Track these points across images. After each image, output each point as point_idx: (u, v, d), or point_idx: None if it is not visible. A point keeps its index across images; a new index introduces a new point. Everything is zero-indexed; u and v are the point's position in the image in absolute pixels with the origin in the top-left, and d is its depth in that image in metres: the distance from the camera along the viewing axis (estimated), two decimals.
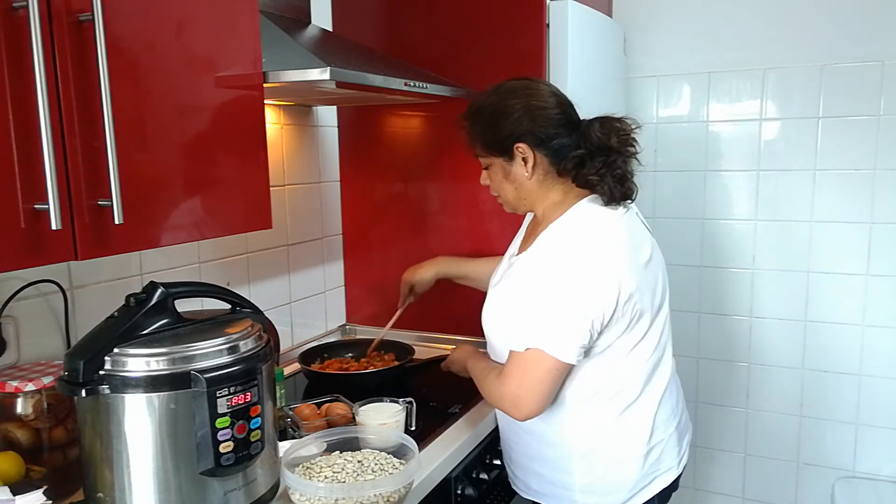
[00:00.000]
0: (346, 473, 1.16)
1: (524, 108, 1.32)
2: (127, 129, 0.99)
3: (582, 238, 1.27)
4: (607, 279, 1.22)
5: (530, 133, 1.31)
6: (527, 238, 1.43)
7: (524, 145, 1.32)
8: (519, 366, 1.26)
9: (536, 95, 1.34)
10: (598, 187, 1.30)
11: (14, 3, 0.84)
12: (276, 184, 1.90)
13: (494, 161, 1.37)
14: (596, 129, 1.30)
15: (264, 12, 1.44)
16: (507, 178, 1.37)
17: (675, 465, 1.41)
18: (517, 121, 1.31)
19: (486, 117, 1.35)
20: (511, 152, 1.33)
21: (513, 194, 1.38)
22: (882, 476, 2.30)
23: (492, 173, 1.39)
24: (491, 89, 1.38)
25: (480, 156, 1.39)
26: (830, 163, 2.23)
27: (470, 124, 1.38)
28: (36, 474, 1.17)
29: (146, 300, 1.06)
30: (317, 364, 1.85)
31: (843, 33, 2.16)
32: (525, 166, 1.33)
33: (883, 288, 2.22)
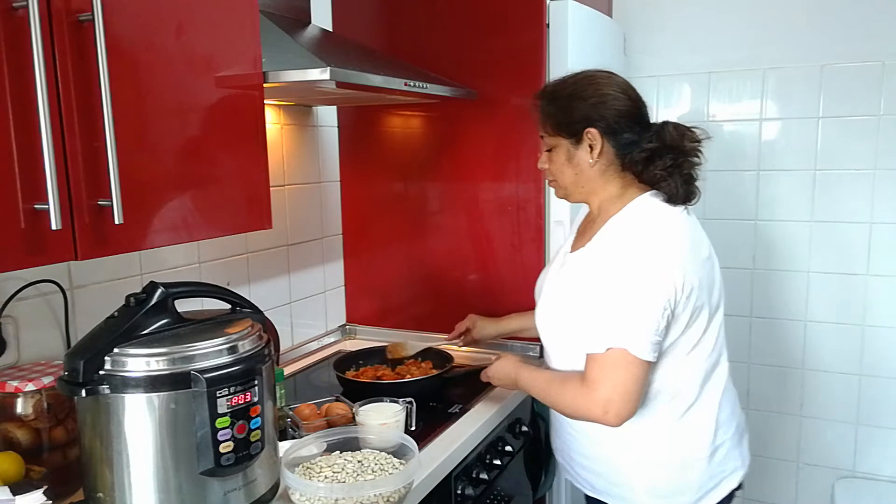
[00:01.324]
0: (346, 473, 1.16)
1: (602, 96, 1.32)
2: (127, 129, 0.99)
3: (647, 231, 1.27)
4: (673, 271, 1.22)
5: (603, 120, 1.31)
6: (581, 234, 1.42)
7: (595, 131, 1.31)
8: (606, 368, 1.23)
9: (615, 87, 1.34)
10: (663, 184, 1.31)
11: (14, 3, 0.84)
12: (276, 184, 1.90)
13: (561, 143, 1.36)
14: (670, 130, 1.32)
15: (264, 12, 1.44)
16: (569, 161, 1.36)
17: (740, 464, 1.41)
18: (593, 106, 1.32)
19: (562, 98, 1.35)
20: (580, 136, 1.33)
21: (571, 179, 1.38)
22: (882, 476, 2.30)
23: (554, 155, 1.38)
24: (571, 74, 1.39)
25: (548, 136, 1.38)
26: (830, 163, 2.22)
27: (545, 103, 1.37)
28: (36, 474, 1.16)
29: (146, 300, 1.06)
30: (351, 371, 1.80)
31: (843, 33, 2.16)
32: (591, 152, 1.33)
33: (882, 288, 2.22)
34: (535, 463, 1.83)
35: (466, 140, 1.98)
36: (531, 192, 1.92)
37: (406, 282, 2.15)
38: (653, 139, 1.32)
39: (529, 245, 1.94)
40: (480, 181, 1.98)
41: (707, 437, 1.34)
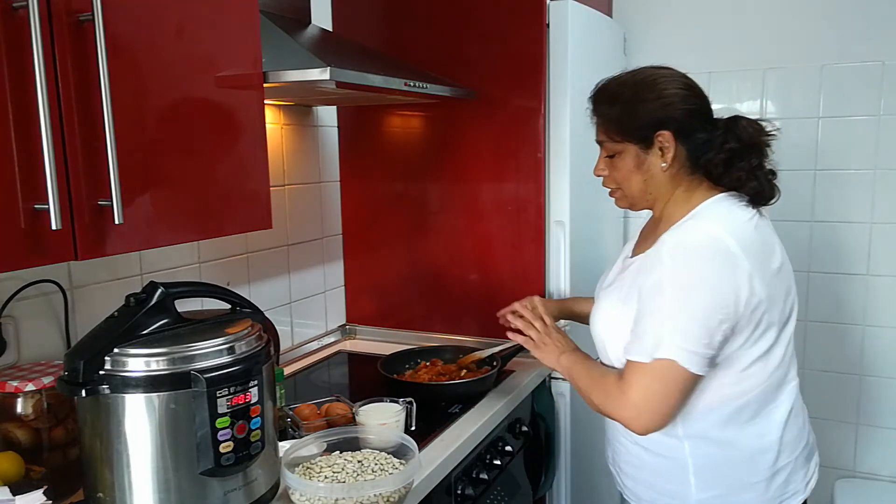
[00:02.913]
0: (346, 473, 1.16)
1: (671, 95, 1.23)
2: (127, 129, 0.99)
3: (711, 239, 1.17)
4: (737, 284, 1.14)
5: (674, 122, 1.22)
6: (644, 238, 1.36)
7: (668, 134, 1.22)
8: (645, 375, 1.16)
9: (681, 84, 1.25)
10: (747, 185, 1.23)
11: (14, 3, 0.84)
12: (276, 184, 1.90)
13: (627, 148, 1.26)
14: (745, 126, 1.23)
15: (264, 12, 1.44)
16: (638, 168, 1.26)
17: (802, 488, 1.30)
18: (663, 107, 1.22)
19: (627, 100, 1.25)
20: (650, 140, 1.23)
21: (639, 187, 1.28)
22: (882, 476, 2.30)
23: (619, 162, 1.28)
24: (629, 72, 1.29)
25: (612, 141, 1.27)
26: (830, 163, 2.22)
27: (605, 106, 1.27)
28: (36, 474, 1.17)
29: (146, 300, 1.06)
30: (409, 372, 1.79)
31: (843, 33, 2.16)
32: (663, 157, 1.24)
33: (882, 288, 2.22)
34: (535, 463, 1.83)
35: (466, 140, 1.98)
36: (531, 192, 1.92)
37: (406, 282, 2.15)
38: (728, 138, 1.23)
39: (529, 245, 1.95)
40: (480, 181, 1.98)
41: (768, 460, 1.24)
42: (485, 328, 2.01)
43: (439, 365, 1.80)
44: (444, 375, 1.74)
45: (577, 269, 1.95)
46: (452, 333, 2.08)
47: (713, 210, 1.23)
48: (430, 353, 1.88)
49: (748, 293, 1.14)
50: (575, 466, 1.98)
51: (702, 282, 1.14)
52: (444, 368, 1.78)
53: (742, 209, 1.22)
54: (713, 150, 1.24)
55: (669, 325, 1.14)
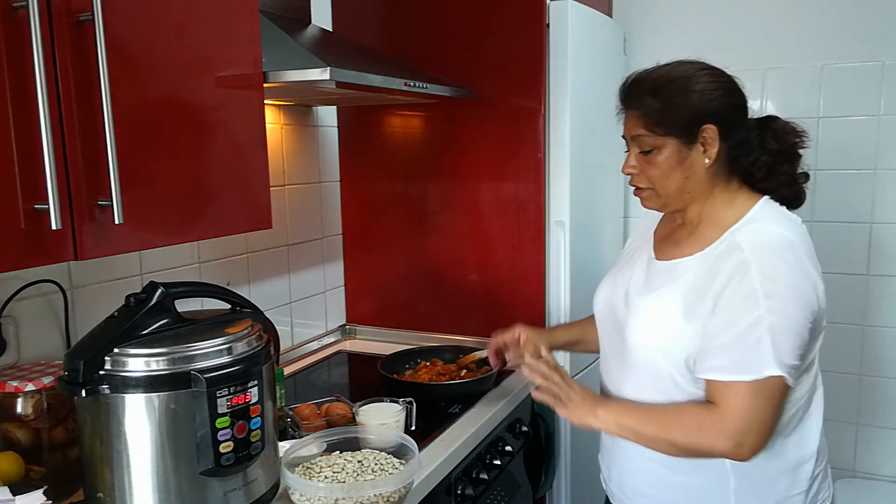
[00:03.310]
0: (346, 473, 1.16)
1: (717, 88, 1.17)
2: (127, 129, 0.99)
3: (788, 242, 1.12)
4: (817, 284, 1.12)
5: (720, 115, 1.15)
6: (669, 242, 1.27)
7: (713, 128, 1.15)
8: (747, 395, 1.08)
9: (723, 77, 1.19)
10: (786, 190, 1.20)
11: (14, 3, 0.84)
12: (276, 184, 1.90)
13: (668, 143, 1.17)
14: (782, 127, 1.21)
15: (264, 12, 1.44)
16: (679, 164, 1.17)
17: (829, 495, 1.30)
18: (709, 100, 1.16)
19: (672, 90, 1.17)
20: (695, 134, 1.16)
21: (677, 185, 1.19)
22: (882, 476, 2.30)
23: (656, 158, 1.18)
24: (667, 65, 1.22)
25: (651, 135, 1.18)
26: (830, 163, 2.22)
27: (648, 97, 1.18)
28: (36, 474, 1.16)
29: (146, 300, 1.06)
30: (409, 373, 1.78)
31: (843, 33, 2.16)
32: (706, 153, 1.17)
33: (882, 288, 2.22)
34: (535, 463, 1.83)
35: (466, 140, 1.98)
36: (531, 192, 1.92)
37: (406, 282, 2.15)
38: (766, 138, 1.19)
39: (529, 245, 1.94)
40: (480, 181, 1.98)
41: (807, 471, 1.22)
42: (485, 328, 2.00)
43: (439, 365, 1.80)
44: (444, 375, 1.74)
45: (577, 269, 1.95)
46: (452, 333, 2.08)
47: (770, 213, 1.18)
48: (430, 353, 1.88)
49: (822, 295, 1.13)
50: (575, 466, 1.98)
51: (792, 287, 1.09)
52: (444, 368, 1.78)
53: (788, 213, 1.20)
54: (754, 152, 1.20)
55: (769, 339, 1.06)
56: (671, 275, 1.21)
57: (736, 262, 1.11)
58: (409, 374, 1.77)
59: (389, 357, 1.82)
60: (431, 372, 1.75)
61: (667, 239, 1.29)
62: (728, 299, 1.10)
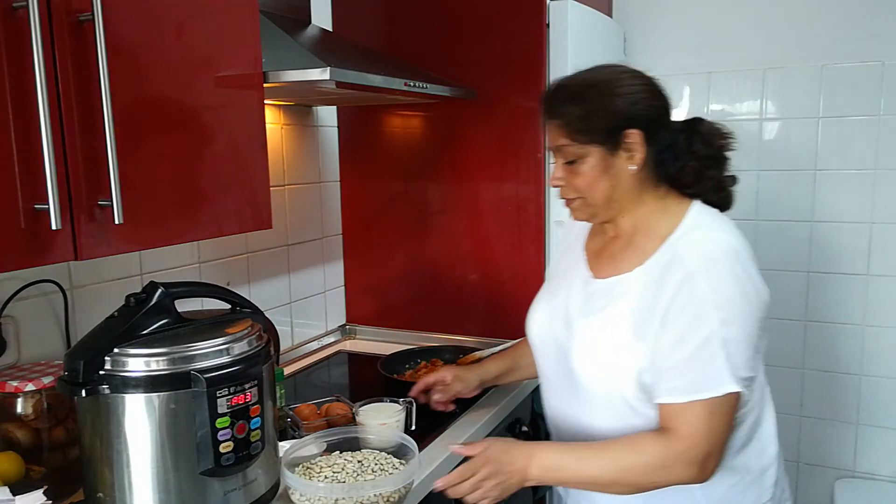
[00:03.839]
0: (346, 473, 1.16)
1: (636, 91, 1.12)
2: (127, 129, 0.99)
3: (731, 248, 1.09)
4: (759, 290, 1.08)
5: (643, 120, 1.11)
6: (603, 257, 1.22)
7: (637, 133, 1.11)
8: (706, 415, 1.03)
9: (643, 79, 1.15)
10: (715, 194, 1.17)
11: (14, 3, 0.84)
12: (276, 184, 1.90)
13: (592, 151, 1.12)
14: (709, 129, 1.17)
15: (264, 12, 1.44)
16: (605, 172, 1.13)
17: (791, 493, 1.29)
18: (632, 104, 1.11)
19: (591, 96, 1.12)
20: (618, 140, 1.11)
21: (605, 195, 1.14)
22: (882, 476, 2.30)
23: (581, 167, 1.14)
24: (587, 70, 1.17)
25: (575, 144, 1.13)
26: (830, 163, 2.22)
27: (569, 105, 1.13)
28: (36, 474, 1.17)
29: (146, 300, 1.06)
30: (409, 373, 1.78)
31: (843, 33, 2.16)
32: (631, 159, 1.12)
33: (882, 288, 2.22)
34: None
35: (466, 140, 1.98)
36: (531, 192, 1.92)
37: (406, 282, 2.15)
38: (694, 142, 1.15)
39: (529, 245, 1.94)
40: (480, 181, 1.98)
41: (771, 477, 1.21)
42: (485, 328, 2.01)
43: (439, 365, 1.80)
44: None
45: None
46: (452, 333, 2.08)
47: (708, 219, 1.15)
48: (430, 353, 1.88)
49: (767, 296, 1.09)
50: None
51: (742, 296, 1.05)
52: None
53: (724, 216, 1.17)
54: (682, 156, 1.16)
55: (724, 354, 1.03)
56: (613, 293, 1.15)
57: (682, 275, 1.06)
58: (409, 374, 1.77)
59: (389, 357, 1.82)
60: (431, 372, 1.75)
61: (601, 253, 1.24)
62: (677, 315, 1.05)
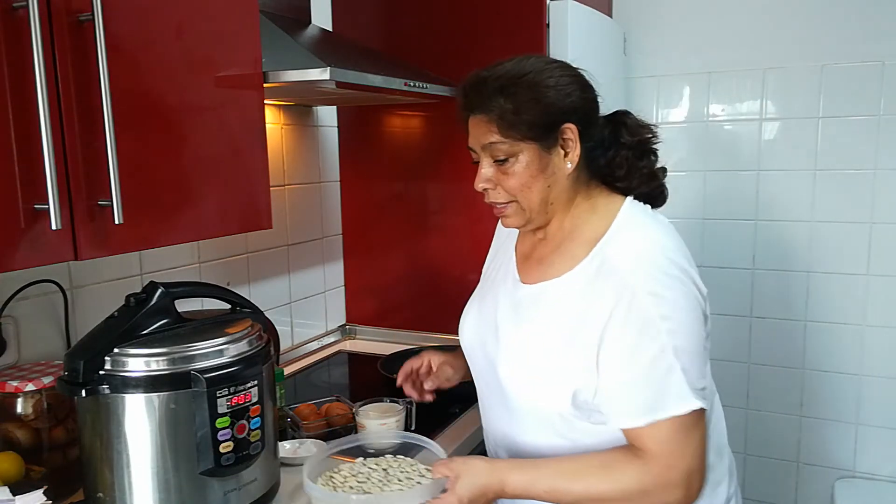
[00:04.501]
0: (372, 483, 1.08)
1: (576, 82, 1.05)
2: (127, 129, 0.99)
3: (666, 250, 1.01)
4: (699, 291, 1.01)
5: (581, 113, 1.04)
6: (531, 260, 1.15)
7: (573, 128, 1.03)
8: (677, 433, 0.96)
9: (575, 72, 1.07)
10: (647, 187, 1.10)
11: (14, 3, 0.84)
12: (276, 184, 1.90)
13: (525, 148, 1.03)
14: (634, 123, 1.10)
15: (264, 12, 1.44)
16: (542, 172, 1.04)
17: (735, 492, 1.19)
18: (566, 96, 1.02)
19: (525, 88, 1.02)
20: (554, 136, 1.03)
21: (541, 195, 1.05)
22: (882, 476, 2.30)
23: (514, 167, 1.04)
24: (511, 61, 1.08)
25: (507, 141, 1.03)
26: (830, 163, 2.22)
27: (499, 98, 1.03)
28: (36, 474, 1.16)
29: (146, 300, 1.06)
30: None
31: (843, 33, 2.16)
32: (567, 156, 1.04)
33: (882, 288, 2.22)
34: None
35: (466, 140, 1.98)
36: None
37: (406, 282, 2.15)
38: (621, 135, 1.08)
39: None
40: None
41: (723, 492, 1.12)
42: None
43: None
44: None
45: None
46: (452, 333, 2.06)
47: (639, 218, 1.07)
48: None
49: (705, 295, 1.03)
50: None
51: (684, 300, 0.98)
52: None
53: (656, 214, 1.10)
54: (611, 147, 1.09)
55: (679, 366, 0.95)
56: (541, 301, 1.08)
57: (618, 284, 0.98)
58: None
59: (389, 357, 1.82)
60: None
61: (529, 256, 1.16)
62: (621, 329, 0.97)
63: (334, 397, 1.56)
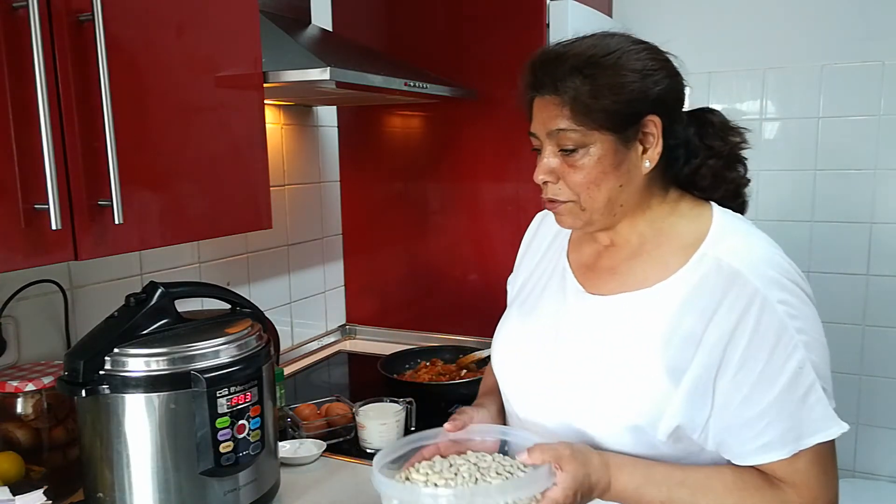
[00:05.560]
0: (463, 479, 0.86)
1: (664, 68, 0.91)
2: (127, 129, 0.99)
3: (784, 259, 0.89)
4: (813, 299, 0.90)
5: (667, 105, 0.91)
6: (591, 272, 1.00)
7: (658, 121, 0.89)
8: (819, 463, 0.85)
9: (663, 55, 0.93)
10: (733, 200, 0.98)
11: (14, 3, 0.84)
12: (276, 184, 1.90)
13: (600, 139, 0.89)
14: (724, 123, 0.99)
15: (264, 12, 1.44)
16: (615, 168, 0.90)
17: None
18: (658, 82, 0.89)
19: (606, 69, 0.87)
20: (636, 128, 0.89)
21: (609, 195, 0.91)
22: (882, 476, 2.30)
23: (583, 161, 0.90)
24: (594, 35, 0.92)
25: (580, 129, 0.89)
26: (830, 163, 2.22)
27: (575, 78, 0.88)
28: (36, 474, 1.16)
29: (146, 300, 1.06)
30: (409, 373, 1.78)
31: (843, 33, 2.16)
32: (646, 153, 0.90)
33: (882, 288, 2.22)
34: None
35: (466, 140, 1.98)
36: (531, 192, 1.92)
37: (406, 282, 2.15)
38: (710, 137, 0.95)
39: None
40: (480, 181, 1.98)
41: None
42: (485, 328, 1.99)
43: (439, 365, 1.80)
44: (444, 375, 1.74)
45: None
46: (452, 333, 2.08)
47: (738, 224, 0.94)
48: (430, 353, 1.88)
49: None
50: None
51: (811, 312, 0.87)
52: (444, 368, 1.78)
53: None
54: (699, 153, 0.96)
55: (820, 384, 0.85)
56: (624, 314, 0.92)
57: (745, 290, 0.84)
58: (409, 374, 1.77)
59: (389, 357, 1.82)
60: (431, 372, 1.75)
61: (593, 266, 1.01)
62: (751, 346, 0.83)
63: (334, 397, 1.56)
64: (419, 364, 1.82)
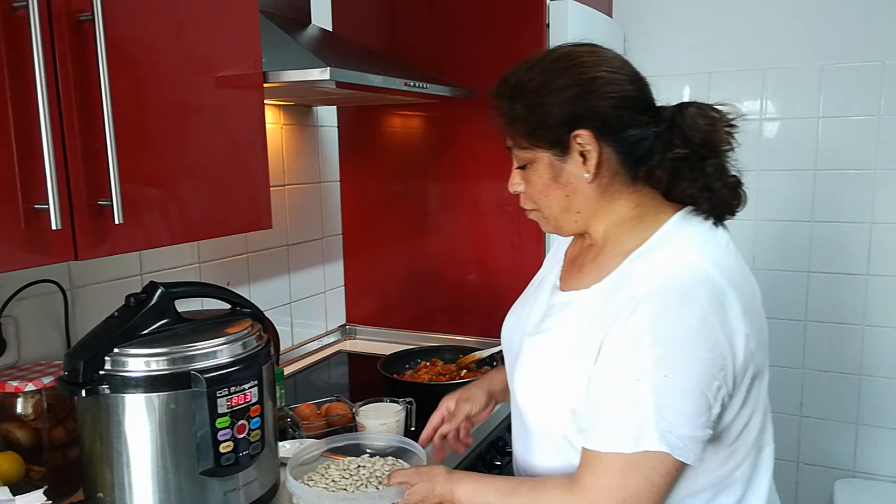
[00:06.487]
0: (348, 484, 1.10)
1: (589, 81, 0.93)
2: (127, 129, 0.99)
3: (698, 274, 0.88)
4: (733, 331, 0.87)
5: (597, 115, 0.93)
6: (575, 266, 1.06)
7: (587, 133, 0.93)
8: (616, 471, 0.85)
9: (606, 63, 0.95)
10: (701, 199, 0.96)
11: (14, 3, 0.84)
12: (276, 184, 1.90)
13: (539, 156, 0.96)
14: (697, 118, 0.97)
15: (264, 12, 1.44)
16: (556, 180, 0.96)
17: None
18: (579, 98, 0.92)
19: (531, 92, 0.95)
20: (566, 143, 0.94)
21: (560, 205, 0.98)
22: (882, 476, 2.30)
23: (532, 174, 0.98)
24: (541, 54, 0.98)
25: (519, 147, 0.98)
26: (830, 163, 2.22)
27: (508, 102, 0.97)
28: (36, 474, 1.16)
29: (146, 300, 1.06)
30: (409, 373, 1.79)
31: (843, 33, 2.16)
32: (585, 164, 0.94)
33: (882, 288, 2.22)
34: None
35: (466, 140, 1.98)
36: None
37: (406, 282, 2.15)
38: (674, 137, 0.95)
39: (529, 245, 1.94)
40: (480, 181, 1.98)
41: None
42: (484, 328, 2.01)
43: (439, 365, 1.80)
44: (444, 375, 1.74)
45: None
46: (452, 333, 2.08)
47: (683, 233, 0.95)
48: (430, 353, 1.88)
49: (744, 341, 0.87)
50: None
51: (694, 336, 0.85)
52: (444, 368, 1.78)
53: (713, 230, 0.97)
54: (655, 155, 0.95)
55: (653, 401, 0.83)
56: (565, 311, 1.00)
57: (625, 299, 0.88)
58: (409, 374, 1.77)
59: (389, 357, 1.82)
60: (431, 372, 1.75)
61: (574, 262, 1.07)
62: (611, 345, 0.88)
63: (334, 397, 1.56)
64: (419, 364, 1.82)
